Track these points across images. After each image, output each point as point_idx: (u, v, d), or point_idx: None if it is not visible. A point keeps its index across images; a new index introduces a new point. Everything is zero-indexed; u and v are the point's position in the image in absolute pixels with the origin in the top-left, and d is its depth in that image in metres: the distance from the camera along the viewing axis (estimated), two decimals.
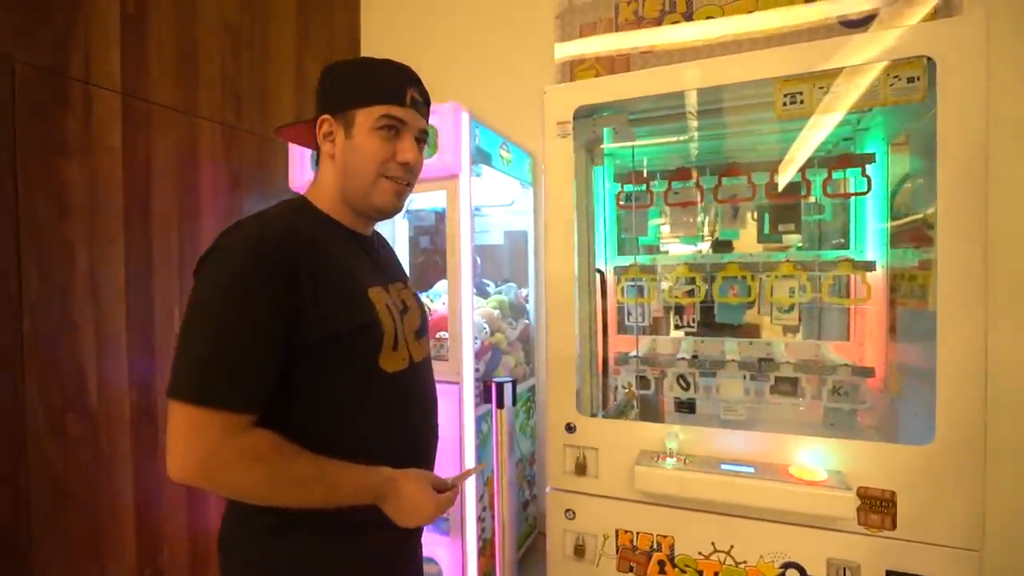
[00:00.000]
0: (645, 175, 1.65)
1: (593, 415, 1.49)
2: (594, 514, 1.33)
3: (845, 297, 1.43)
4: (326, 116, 0.83)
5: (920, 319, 1.27)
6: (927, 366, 1.09)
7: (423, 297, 2.06)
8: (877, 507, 1.09)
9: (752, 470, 1.15)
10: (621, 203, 1.67)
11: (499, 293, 2.05)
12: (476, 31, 2.26)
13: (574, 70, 1.48)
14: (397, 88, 0.82)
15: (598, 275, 1.56)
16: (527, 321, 2.13)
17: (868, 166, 1.43)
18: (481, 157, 1.76)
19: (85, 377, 1.60)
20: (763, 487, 1.11)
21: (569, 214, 1.38)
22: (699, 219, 1.73)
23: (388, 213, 0.88)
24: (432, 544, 1.66)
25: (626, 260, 1.68)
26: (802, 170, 1.49)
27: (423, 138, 0.88)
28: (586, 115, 1.41)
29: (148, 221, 1.77)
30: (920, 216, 1.30)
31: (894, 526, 1.08)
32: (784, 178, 1.53)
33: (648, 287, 1.55)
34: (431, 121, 0.95)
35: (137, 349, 1.73)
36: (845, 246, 1.67)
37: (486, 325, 1.80)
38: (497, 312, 1.88)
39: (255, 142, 2.14)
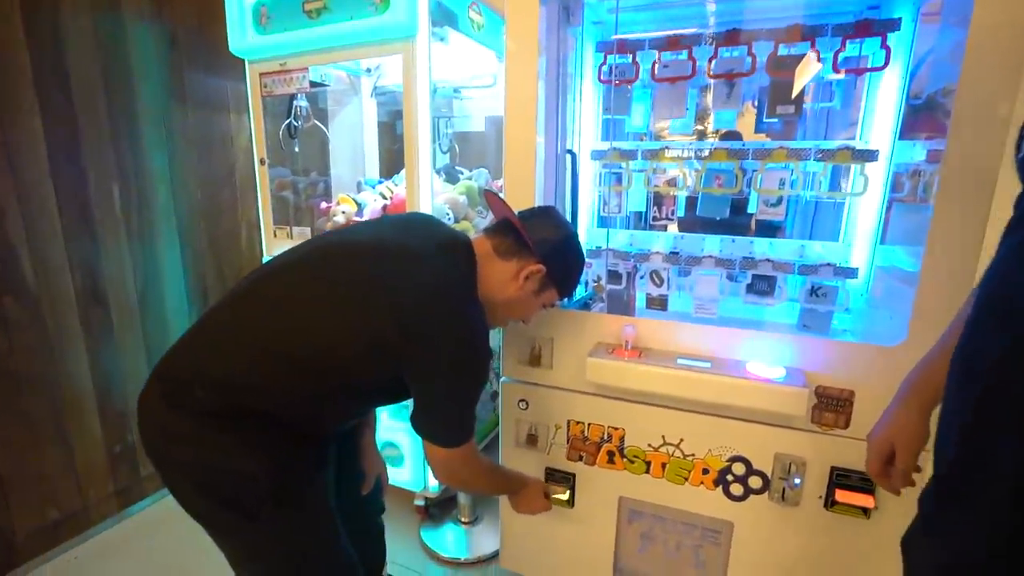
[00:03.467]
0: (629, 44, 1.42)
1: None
2: (546, 405, 1.31)
3: (838, 191, 1.29)
4: (543, 267, 0.99)
5: (916, 219, 1.15)
6: (914, 268, 1.00)
7: (387, 183, 1.91)
8: (833, 406, 1.05)
9: (708, 365, 1.09)
10: (602, 77, 1.46)
11: (469, 179, 1.90)
12: None
13: None
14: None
15: (568, 156, 1.41)
16: None
17: (890, 35, 1.22)
18: (444, 17, 1.52)
19: (18, 259, 1.50)
20: (717, 382, 1.06)
21: (533, 82, 1.21)
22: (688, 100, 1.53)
23: None
24: (393, 430, 1.68)
25: (604, 144, 1.51)
26: (812, 39, 1.28)
27: None
28: None
29: (67, 85, 1.57)
30: (936, 98, 1.12)
31: (847, 425, 1.05)
32: (790, 49, 1.32)
33: (627, 175, 1.41)
34: None
35: (74, 228, 1.62)
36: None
37: (449, 211, 1.66)
38: (464, 199, 1.74)
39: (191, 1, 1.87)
